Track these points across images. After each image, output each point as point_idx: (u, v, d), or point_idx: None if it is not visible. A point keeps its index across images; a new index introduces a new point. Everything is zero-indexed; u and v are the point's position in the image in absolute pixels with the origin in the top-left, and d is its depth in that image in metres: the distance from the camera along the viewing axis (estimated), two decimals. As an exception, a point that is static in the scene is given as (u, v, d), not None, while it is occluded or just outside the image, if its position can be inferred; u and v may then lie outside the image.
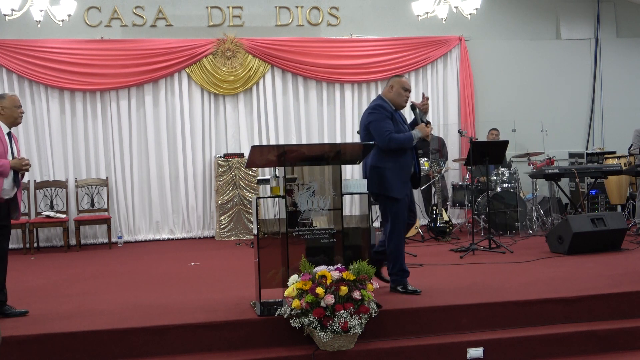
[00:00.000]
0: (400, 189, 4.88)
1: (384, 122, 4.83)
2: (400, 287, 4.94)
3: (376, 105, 4.95)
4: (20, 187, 4.72)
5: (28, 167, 4.69)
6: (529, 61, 10.00)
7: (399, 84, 4.98)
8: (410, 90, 5.08)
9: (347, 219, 4.65)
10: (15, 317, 4.57)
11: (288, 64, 9.22)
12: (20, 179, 4.70)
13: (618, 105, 10.20)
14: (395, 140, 4.81)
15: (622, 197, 8.73)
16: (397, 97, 4.97)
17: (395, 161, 4.87)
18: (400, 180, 4.89)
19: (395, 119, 4.91)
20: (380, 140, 4.82)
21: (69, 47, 8.64)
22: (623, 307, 4.64)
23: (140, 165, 8.99)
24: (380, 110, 4.89)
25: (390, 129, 4.81)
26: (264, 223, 4.67)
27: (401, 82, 5.00)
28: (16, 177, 4.61)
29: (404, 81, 5.03)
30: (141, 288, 5.65)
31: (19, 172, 4.63)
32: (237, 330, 4.27)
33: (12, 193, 4.59)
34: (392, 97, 4.98)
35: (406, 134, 4.89)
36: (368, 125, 4.91)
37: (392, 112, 4.91)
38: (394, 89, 4.98)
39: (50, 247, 8.64)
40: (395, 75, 5.19)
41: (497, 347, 4.29)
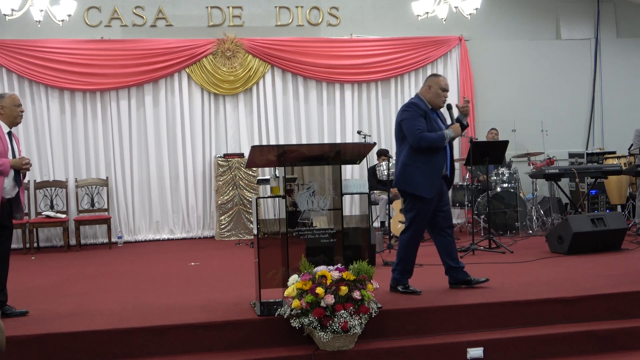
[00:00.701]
0: (428, 189, 4.80)
1: (416, 120, 4.78)
2: (401, 287, 4.93)
3: (410, 103, 4.91)
4: (22, 186, 4.71)
5: (29, 167, 4.67)
6: (529, 61, 10.00)
7: (437, 85, 4.91)
8: (449, 89, 5.00)
9: (347, 219, 4.64)
10: (15, 317, 4.57)
11: (288, 64, 9.22)
12: (22, 179, 4.68)
13: (618, 105, 10.21)
14: (426, 139, 4.76)
15: (622, 197, 8.73)
16: (435, 97, 4.91)
17: (426, 160, 4.81)
18: (429, 180, 4.81)
19: (429, 117, 4.84)
20: (411, 139, 4.80)
21: (69, 47, 8.64)
22: (623, 307, 4.64)
23: (140, 165, 9.00)
24: (413, 108, 4.84)
25: (421, 128, 4.76)
26: (264, 223, 4.67)
27: (439, 82, 4.92)
28: (17, 176, 4.60)
29: (442, 81, 4.93)
30: (141, 288, 5.65)
31: (20, 171, 4.62)
32: (237, 330, 4.27)
33: (14, 193, 4.59)
34: (430, 98, 4.92)
35: (438, 133, 4.81)
36: (401, 123, 4.90)
37: (426, 111, 4.84)
38: (432, 89, 4.92)
39: (50, 247, 8.65)
40: (432, 75, 5.08)
41: (497, 347, 4.29)
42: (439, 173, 4.88)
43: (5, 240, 4.66)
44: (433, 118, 4.88)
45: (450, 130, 4.89)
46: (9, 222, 4.65)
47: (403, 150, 4.92)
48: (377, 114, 9.62)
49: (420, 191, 4.81)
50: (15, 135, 4.80)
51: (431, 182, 4.82)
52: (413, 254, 4.97)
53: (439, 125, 4.91)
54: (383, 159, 8.12)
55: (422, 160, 4.81)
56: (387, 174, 7.49)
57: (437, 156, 4.85)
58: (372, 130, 9.51)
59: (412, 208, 4.89)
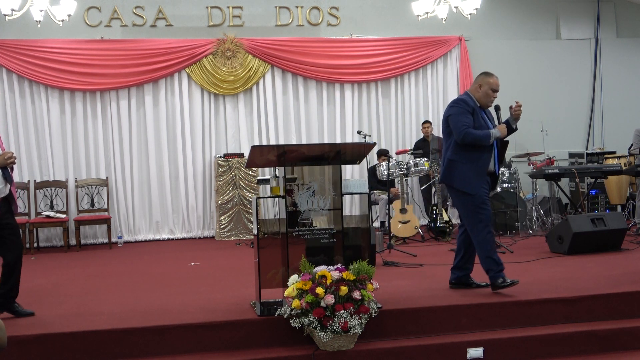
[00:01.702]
0: (473, 185, 4.80)
1: (463, 116, 4.80)
2: (500, 281, 4.78)
3: (459, 99, 4.93)
4: (13, 182, 4.64)
5: (13, 160, 4.54)
6: (529, 61, 10.00)
7: (488, 85, 4.88)
8: (499, 90, 4.94)
9: (347, 219, 4.64)
10: (21, 316, 4.57)
11: (288, 64, 9.22)
12: (11, 173, 4.61)
13: (618, 105, 10.21)
14: (471, 135, 4.77)
15: (622, 197, 8.73)
16: (484, 97, 4.90)
17: (471, 156, 4.83)
18: (474, 176, 4.81)
19: (477, 115, 4.84)
20: (456, 134, 4.82)
21: (69, 47, 8.64)
22: (623, 307, 4.64)
23: (140, 165, 9.00)
24: (461, 104, 4.86)
25: (467, 124, 4.77)
26: (264, 223, 4.67)
27: (490, 82, 4.88)
28: (5, 172, 4.52)
29: (493, 82, 4.89)
30: (141, 288, 5.64)
31: (7, 167, 4.53)
32: (237, 330, 4.27)
33: (7, 190, 4.54)
34: (479, 97, 4.91)
35: (484, 131, 4.81)
36: (448, 118, 4.92)
37: (474, 108, 4.85)
38: (482, 88, 4.90)
39: (50, 247, 8.65)
40: (483, 73, 5.00)
41: (497, 347, 4.29)
42: (484, 170, 4.87)
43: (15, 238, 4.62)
44: (481, 116, 4.88)
45: (496, 130, 4.87)
46: (11, 219, 4.63)
47: (449, 146, 4.95)
48: (377, 114, 9.63)
49: (464, 187, 4.83)
50: None
51: (476, 178, 4.82)
52: (494, 247, 4.89)
53: (486, 123, 4.90)
54: (383, 159, 8.12)
55: (468, 156, 4.83)
56: (387, 174, 7.49)
57: (482, 153, 4.85)
58: (372, 130, 9.51)
59: (468, 205, 4.85)
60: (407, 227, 7.85)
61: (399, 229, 7.84)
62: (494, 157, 4.94)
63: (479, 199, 4.81)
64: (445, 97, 9.81)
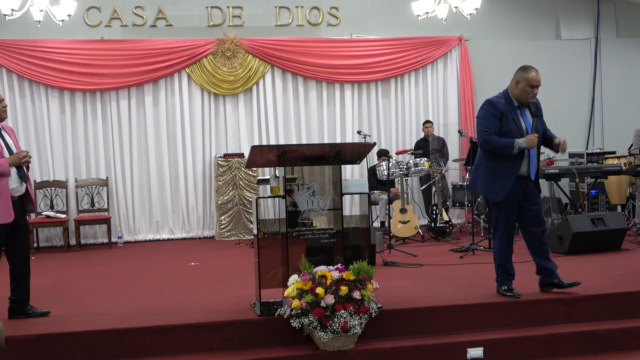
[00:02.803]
0: (495, 191, 4.63)
1: (487, 121, 4.58)
2: (504, 287, 4.72)
3: (487, 102, 4.66)
4: (29, 180, 4.64)
5: (28, 159, 4.57)
6: (529, 61, 9.80)
7: (525, 81, 4.55)
8: (539, 85, 4.57)
9: (347, 219, 4.64)
10: (37, 317, 4.55)
11: (288, 64, 9.22)
12: (27, 172, 4.61)
13: (618, 105, 10.20)
14: (491, 143, 4.57)
15: (622, 197, 8.73)
16: (522, 94, 4.59)
17: (496, 162, 4.63)
18: (496, 182, 4.62)
19: (506, 117, 4.57)
20: (478, 139, 4.68)
21: (69, 47, 8.64)
22: (623, 307, 4.64)
23: (140, 165, 9.00)
24: (488, 107, 4.62)
25: (489, 129, 4.56)
26: (264, 223, 4.67)
27: (528, 78, 4.54)
28: (21, 172, 4.52)
29: (531, 78, 4.54)
30: (141, 288, 5.65)
31: (22, 166, 4.54)
32: (237, 330, 4.27)
33: (23, 189, 4.53)
34: (517, 94, 4.62)
35: (507, 140, 4.53)
36: (476, 120, 4.81)
37: (502, 111, 4.57)
38: (520, 85, 4.60)
39: (50, 247, 8.65)
40: (521, 68, 4.66)
41: (497, 347, 4.29)
42: (511, 175, 4.61)
43: (24, 241, 4.62)
44: (513, 117, 4.59)
45: (522, 140, 4.54)
46: (24, 221, 4.62)
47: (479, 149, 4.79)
48: (377, 114, 9.63)
49: (486, 193, 4.74)
50: (8, 128, 4.68)
51: (500, 184, 4.62)
52: (508, 256, 4.74)
53: (518, 127, 4.60)
54: (383, 159, 8.12)
55: (493, 162, 4.64)
56: (387, 174, 7.49)
57: (509, 159, 4.59)
58: (372, 130, 9.51)
59: (492, 209, 4.77)
60: (407, 227, 7.85)
61: (399, 229, 7.84)
62: (528, 160, 4.64)
63: (500, 206, 4.66)
64: (445, 97, 9.82)
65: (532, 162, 4.68)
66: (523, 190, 4.68)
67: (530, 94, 4.59)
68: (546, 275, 4.78)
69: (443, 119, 9.79)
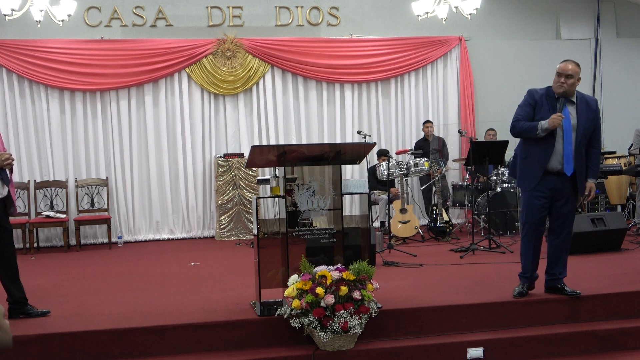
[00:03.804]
0: (526, 182, 4.57)
1: (520, 109, 4.57)
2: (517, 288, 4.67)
3: (528, 91, 4.62)
4: (11, 182, 4.61)
5: (10, 162, 4.50)
6: (529, 61, 10.00)
7: (556, 71, 4.48)
8: (566, 74, 4.42)
9: (347, 219, 4.64)
10: (38, 317, 4.55)
11: (288, 64, 9.22)
12: (10, 175, 4.58)
13: (618, 105, 10.21)
14: (517, 128, 4.53)
15: (622, 197, 8.72)
16: (554, 84, 4.50)
17: (527, 151, 4.58)
18: (527, 171, 4.56)
19: (541, 106, 4.48)
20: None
21: (69, 47, 8.64)
22: (623, 307, 4.64)
23: (140, 165, 9.00)
24: (526, 96, 4.59)
25: (520, 117, 4.52)
26: (264, 223, 4.66)
27: (557, 68, 4.48)
28: (3, 174, 4.49)
29: (560, 67, 4.47)
30: (141, 288, 5.64)
31: (4, 168, 4.49)
32: (237, 330, 4.27)
33: (5, 191, 4.52)
34: (553, 85, 4.53)
35: (532, 123, 4.47)
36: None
37: (537, 100, 4.51)
38: (554, 77, 4.50)
39: (50, 247, 8.65)
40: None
41: (497, 347, 4.29)
42: (540, 167, 4.50)
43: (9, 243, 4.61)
44: (550, 107, 4.47)
45: (545, 122, 4.42)
46: (7, 223, 4.61)
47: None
48: (377, 114, 9.63)
49: (518, 182, 4.71)
50: None
51: (529, 174, 4.56)
52: (528, 250, 4.64)
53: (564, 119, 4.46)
54: (383, 159, 8.12)
55: (526, 150, 4.60)
56: (387, 174, 7.49)
57: (536, 148, 4.51)
58: (372, 130, 9.51)
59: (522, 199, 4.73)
60: (407, 227, 7.85)
61: (399, 229, 7.84)
62: (562, 154, 4.47)
63: (529, 198, 4.57)
64: (445, 97, 9.82)
65: (568, 156, 4.47)
66: (552, 188, 4.52)
67: (558, 82, 4.46)
68: (551, 279, 4.71)
69: (443, 119, 9.79)
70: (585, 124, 4.48)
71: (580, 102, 4.54)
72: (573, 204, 4.62)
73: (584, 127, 4.48)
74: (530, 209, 4.57)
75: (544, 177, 4.51)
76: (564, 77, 4.43)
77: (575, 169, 4.49)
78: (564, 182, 4.52)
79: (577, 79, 4.47)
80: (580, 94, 4.57)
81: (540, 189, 4.52)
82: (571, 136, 4.46)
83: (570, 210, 4.60)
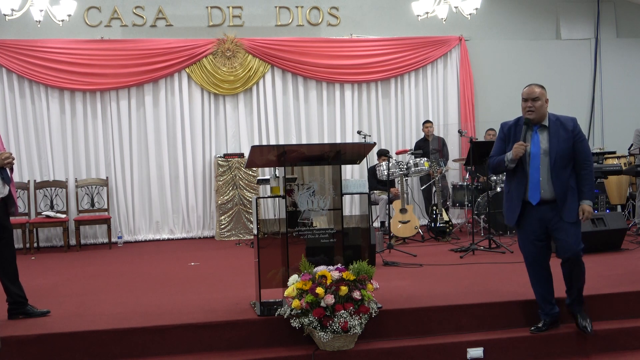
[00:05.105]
0: (508, 217, 4.39)
1: (495, 144, 4.44)
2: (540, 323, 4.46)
3: (500, 124, 4.46)
4: (12, 182, 4.62)
5: (11, 161, 4.50)
6: (529, 61, 10.00)
7: (521, 96, 4.30)
8: (532, 97, 4.22)
9: (347, 219, 4.64)
10: (38, 317, 4.55)
11: (288, 64, 9.22)
12: (11, 174, 4.58)
13: (618, 105, 10.21)
14: (491, 165, 4.44)
15: (622, 197, 8.72)
16: (522, 110, 4.29)
17: (509, 185, 4.40)
18: (509, 205, 4.37)
19: (512, 138, 4.29)
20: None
21: (69, 47, 8.64)
22: (623, 307, 4.65)
23: (140, 165, 9.00)
24: (499, 130, 4.44)
25: (494, 153, 4.40)
26: (264, 223, 4.66)
27: (522, 92, 4.30)
28: (3, 173, 4.49)
29: (524, 90, 4.29)
30: (141, 288, 5.64)
31: (5, 167, 4.49)
32: (237, 330, 4.27)
33: (5, 191, 4.52)
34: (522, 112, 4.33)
35: (500, 157, 4.33)
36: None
37: (506, 133, 4.34)
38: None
39: (50, 247, 8.65)
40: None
41: (497, 347, 4.29)
42: (518, 199, 4.28)
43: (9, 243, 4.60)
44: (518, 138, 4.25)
45: (509, 152, 4.24)
46: (7, 223, 4.61)
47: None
48: (377, 114, 9.63)
49: (505, 219, 4.49)
50: None
51: (510, 207, 4.35)
52: (536, 282, 4.43)
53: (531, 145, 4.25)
54: (383, 159, 8.12)
55: (507, 185, 4.44)
56: (387, 174, 7.49)
57: (514, 181, 4.33)
58: (372, 130, 9.51)
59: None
60: (407, 227, 7.85)
61: (399, 229, 7.84)
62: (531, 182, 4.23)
63: (520, 233, 4.39)
64: (445, 97, 9.82)
65: (534, 183, 4.22)
66: (540, 218, 4.25)
67: (526, 108, 4.24)
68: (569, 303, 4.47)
69: (443, 119, 9.79)
70: (559, 146, 4.20)
71: (553, 124, 4.27)
72: (572, 230, 4.24)
73: (558, 149, 4.20)
74: (523, 243, 4.39)
75: (527, 209, 4.27)
76: (530, 101, 4.22)
77: (555, 195, 4.20)
78: (552, 210, 4.24)
79: (544, 100, 4.24)
80: (554, 116, 4.32)
81: (528, 222, 4.28)
82: (538, 162, 4.21)
83: (566, 233, 4.24)
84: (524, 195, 4.26)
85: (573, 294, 4.42)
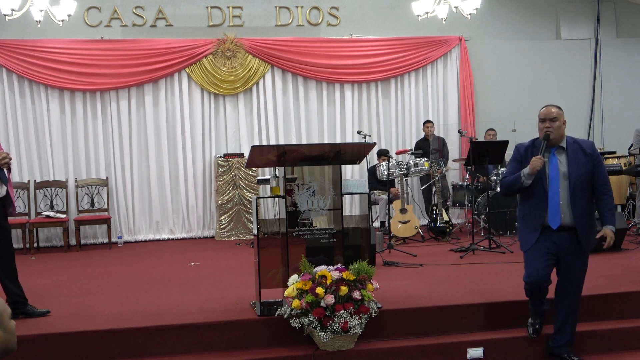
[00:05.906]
0: (522, 243, 4.15)
1: (509, 165, 4.25)
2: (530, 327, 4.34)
3: (515, 146, 4.28)
4: (9, 182, 4.61)
5: (8, 161, 4.48)
6: (529, 61, 10.00)
7: (539, 116, 4.12)
8: (550, 118, 4.04)
9: (347, 219, 4.64)
10: (37, 317, 4.55)
11: (288, 64, 9.22)
12: (8, 174, 4.58)
13: (618, 105, 10.21)
14: (502, 186, 4.23)
15: (622, 197, 8.72)
16: (539, 131, 4.11)
17: (524, 210, 4.17)
18: (524, 231, 4.13)
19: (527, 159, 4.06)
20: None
21: (69, 47, 8.64)
22: (623, 307, 4.65)
23: (140, 165, 9.00)
24: (514, 152, 4.24)
25: (507, 174, 4.17)
26: (264, 223, 4.67)
27: (540, 112, 4.12)
28: (0, 173, 4.48)
29: (542, 111, 4.11)
30: (141, 288, 5.64)
31: (2, 167, 4.49)
32: (237, 330, 4.27)
33: (3, 191, 4.52)
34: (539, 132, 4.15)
35: (515, 175, 4.08)
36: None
37: (522, 154, 4.15)
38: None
39: (50, 247, 8.64)
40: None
41: (497, 347, 4.29)
42: (536, 225, 4.04)
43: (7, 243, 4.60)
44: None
45: (526, 168, 4.02)
46: (5, 223, 4.61)
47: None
48: (377, 114, 9.63)
49: (520, 245, 4.22)
50: None
51: (525, 233, 4.12)
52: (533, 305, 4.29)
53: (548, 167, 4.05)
54: (383, 159, 8.12)
55: (521, 210, 4.22)
56: (387, 174, 7.49)
57: (531, 204, 4.09)
58: (372, 130, 9.51)
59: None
60: (407, 227, 7.85)
61: (399, 229, 7.84)
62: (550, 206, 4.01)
63: (531, 253, 4.08)
64: (445, 97, 9.82)
65: (553, 207, 4.00)
66: (557, 243, 4.04)
67: (544, 128, 4.06)
68: (555, 345, 4.23)
69: (443, 119, 9.79)
70: (579, 169, 4.02)
71: (570, 147, 4.09)
72: (582, 263, 4.12)
73: (578, 173, 4.01)
74: (530, 264, 4.07)
75: (545, 233, 4.03)
76: (548, 122, 4.05)
77: (575, 221, 4.00)
78: (571, 238, 4.03)
79: (562, 121, 4.08)
80: (571, 139, 4.14)
81: (544, 244, 4.03)
82: (557, 185, 4.01)
83: (576, 269, 4.10)
84: (543, 218, 4.02)
85: (565, 337, 4.18)
